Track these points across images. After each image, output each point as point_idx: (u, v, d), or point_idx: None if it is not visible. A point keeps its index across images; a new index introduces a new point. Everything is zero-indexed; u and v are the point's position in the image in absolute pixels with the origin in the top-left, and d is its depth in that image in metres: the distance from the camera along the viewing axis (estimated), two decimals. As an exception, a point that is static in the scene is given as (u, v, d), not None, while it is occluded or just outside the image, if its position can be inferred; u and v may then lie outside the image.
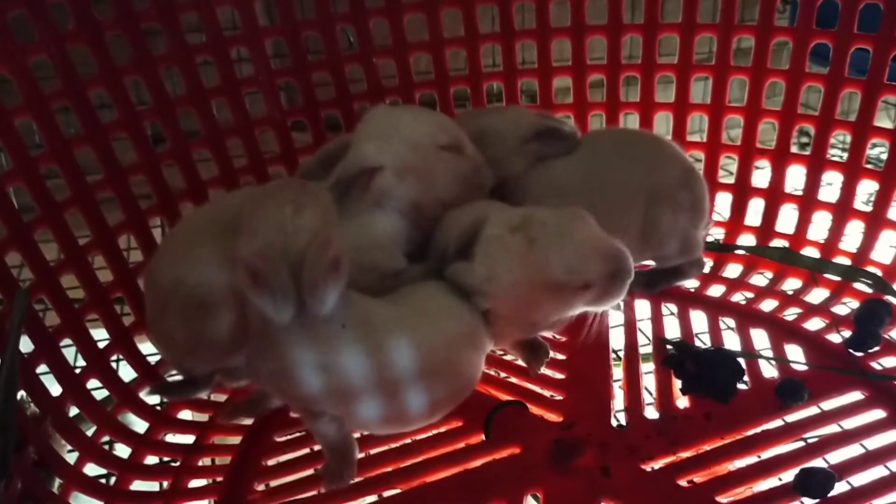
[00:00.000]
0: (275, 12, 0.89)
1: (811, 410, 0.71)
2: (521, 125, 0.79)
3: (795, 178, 0.94)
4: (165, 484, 0.69)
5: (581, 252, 0.60)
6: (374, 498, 0.66)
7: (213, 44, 0.84)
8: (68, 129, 0.76)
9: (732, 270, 0.93)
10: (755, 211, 0.95)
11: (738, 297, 0.89)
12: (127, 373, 0.77)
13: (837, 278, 0.87)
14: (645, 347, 0.81)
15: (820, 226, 0.92)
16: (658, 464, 0.66)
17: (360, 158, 0.68)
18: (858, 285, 0.86)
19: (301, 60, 0.90)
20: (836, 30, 0.86)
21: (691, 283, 0.89)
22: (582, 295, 0.62)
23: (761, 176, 0.96)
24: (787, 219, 0.94)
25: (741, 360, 0.76)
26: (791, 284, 0.91)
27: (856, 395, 0.73)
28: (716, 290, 0.90)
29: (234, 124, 0.87)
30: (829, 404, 0.72)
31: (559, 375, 0.77)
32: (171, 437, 0.75)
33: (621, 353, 0.81)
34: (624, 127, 1.00)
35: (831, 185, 0.93)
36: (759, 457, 0.67)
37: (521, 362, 0.80)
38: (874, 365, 0.77)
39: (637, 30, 0.96)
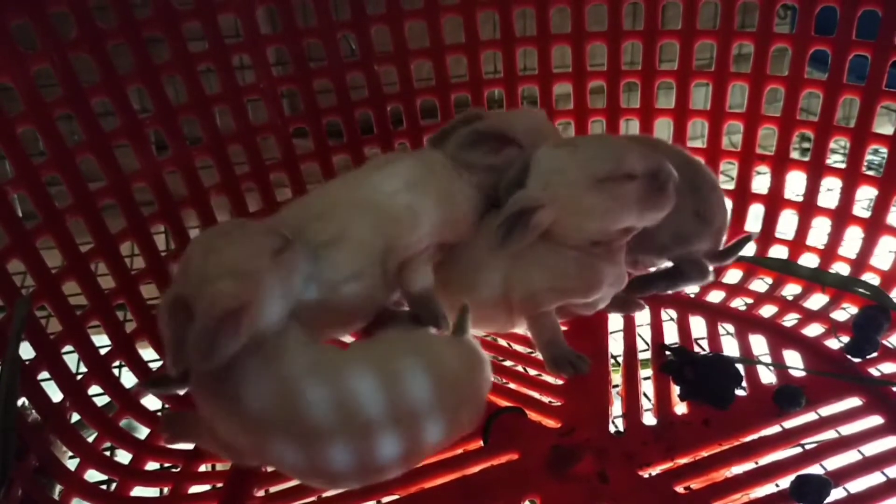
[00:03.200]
0: (277, 20, 0.89)
1: (809, 416, 0.72)
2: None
3: (796, 183, 0.94)
4: (166, 490, 0.70)
5: (621, 151, 0.69)
6: (372, 504, 0.66)
7: (215, 51, 0.85)
8: (71, 136, 0.76)
9: (732, 276, 0.94)
10: (755, 216, 0.95)
11: (738, 303, 0.90)
12: (128, 379, 0.77)
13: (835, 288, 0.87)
14: (644, 353, 0.82)
15: (819, 231, 0.92)
16: (655, 470, 0.67)
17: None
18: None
19: (303, 67, 0.91)
20: (834, 36, 0.86)
21: (691, 289, 0.89)
22: (626, 190, 0.68)
23: (761, 181, 0.96)
24: (786, 224, 0.94)
25: (740, 367, 0.76)
26: (791, 290, 0.91)
27: (854, 402, 0.73)
28: (715, 296, 0.91)
29: (236, 131, 0.88)
30: (827, 410, 0.72)
31: (557, 381, 0.77)
32: (173, 443, 0.75)
33: (620, 359, 0.81)
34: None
35: (831, 191, 0.93)
36: (756, 463, 0.68)
37: (520, 368, 0.80)
38: (872, 371, 0.77)
39: (637, 36, 0.97)
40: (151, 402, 0.77)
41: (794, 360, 0.79)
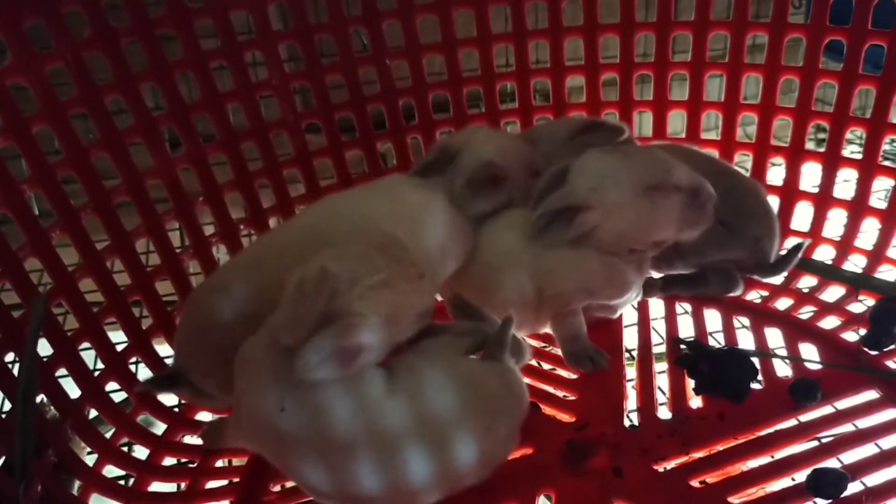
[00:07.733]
0: (288, 16, 0.89)
1: (825, 410, 0.71)
2: (571, 122, 0.83)
3: (811, 174, 0.93)
4: (183, 485, 0.70)
5: (671, 163, 0.71)
6: (387, 498, 0.66)
7: (227, 48, 0.85)
8: (86, 135, 0.77)
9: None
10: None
11: (753, 296, 0.89)
12: (145, 375, 0.77)
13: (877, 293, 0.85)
14: (658, 347, 0.81)
15: (835, 223, 0.92)
16: (671, 464, 0.67)
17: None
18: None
19: (315, 63, 0.91)
20: (850, 26, 0.85)
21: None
22: (671, 201, 0.70)
23: (776, 173, 0.95)
24: (802, 216, 0.93)
25: (755, 360, 0.75)
26: (806, 282, 0.90)
27: (870, 395, 0.72)
28: (730, 289, 0.90)
29: (249, 128, 0.88)
30: (843, 403, 0.72)
31: (572, 376, 0.77)
32: (189, 439, 0.76)
33: (635, 353, 0.81)
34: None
35: (847, 182, 0.92)
36: (772, 457, 0.67)
37: (534, 362, 0.80)
38: (889, 364, 0.76)
39: (650, 28, 0.96)
40: (168, 398, 0.78)
41: (809, 353, 0.79)
